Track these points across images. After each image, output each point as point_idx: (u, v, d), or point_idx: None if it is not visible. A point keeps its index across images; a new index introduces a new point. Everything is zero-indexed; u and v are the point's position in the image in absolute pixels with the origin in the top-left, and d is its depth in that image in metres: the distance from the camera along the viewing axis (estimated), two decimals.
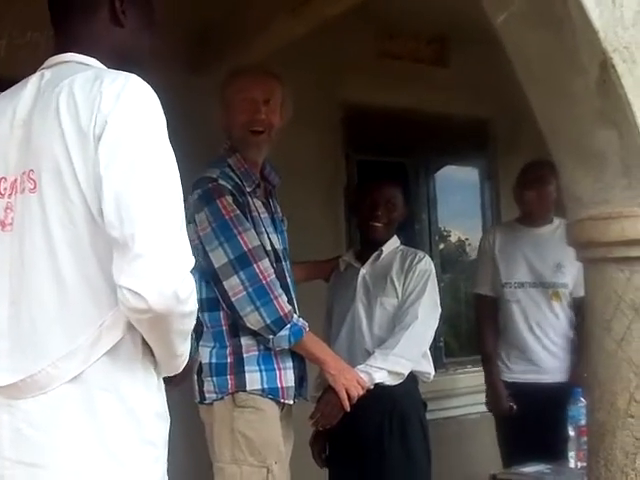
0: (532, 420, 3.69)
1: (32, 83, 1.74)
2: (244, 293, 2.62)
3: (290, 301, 2.77)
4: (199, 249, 2.66)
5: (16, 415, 1.60)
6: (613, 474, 2.20)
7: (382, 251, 3.36)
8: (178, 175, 1.60)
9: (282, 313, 2.64)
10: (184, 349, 1.68)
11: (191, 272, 1.54)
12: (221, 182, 2.70)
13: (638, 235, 2.17)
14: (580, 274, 3.73)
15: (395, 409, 3.20)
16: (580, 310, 3.83)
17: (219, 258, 2.63)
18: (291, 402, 2.77)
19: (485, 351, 4.15)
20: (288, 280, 2.83)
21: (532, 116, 2.37)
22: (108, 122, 1.55)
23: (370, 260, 3.38)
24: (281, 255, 2.83)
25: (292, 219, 3.14)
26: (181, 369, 1.72)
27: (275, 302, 2.64)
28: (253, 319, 2.62)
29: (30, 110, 1.69)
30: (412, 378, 3.23)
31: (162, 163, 1.57)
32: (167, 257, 1.49)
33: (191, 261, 1.55)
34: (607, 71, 2.08)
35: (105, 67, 1.73)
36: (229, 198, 2.68)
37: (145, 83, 1.63)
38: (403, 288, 3.27)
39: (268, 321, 2.62)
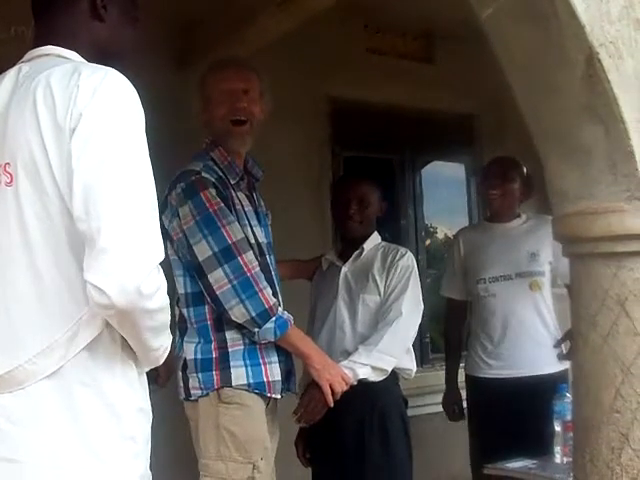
0: (509, 415, 3.68)
1: (10, 77, 1.73)
2: (229, 286, 2.60)
3: (275, 294, 2.75)
4: (183, 243, 2.65)
5: None
6: (599, 469, 2.20)
7: (363, 249, 3.36)
8: (150, 171, 1.59)
9: (267, 305, 2.63)
10: (159, 344, 1.66)
11: (181, 267, 1.52)
12: (204, 175, 2.69)
13: (624, 230, 2.17)
14: (561, 262, 3.78)
15: (375, 405, 3.19)
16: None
17: (203, 251, 2.62)
18: (278, 396, 2.76)
19: (447, 352, 4.23)
20: (272, 274, 2.82)
21: (518, 112, 2.37)
22: (82, 115, 1.54)
23: (352, 258, 3.37)
24: (265, 249, 2.82)
25: (278, 215, 3.13)
26: (161, 362, 1.71)
27: (260, 295, 2.62)
28: (238, 312, 2.61)
29: (7, 103, 1.67)
30: (392, 374, 3.22)
31: (133, 158, 1.56)
32: (131, 252, 1.48)
33: (159, 256, 1.54)
34: (593, 66, 2.08)
35: (85, 61, 1.71)
36: (212, 191, 2.66)
37: (124, 78, 1.62)
38: (385, 285, 3.27)
39: (253, 314, 2.61)
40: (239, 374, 2.66)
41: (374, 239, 3.41)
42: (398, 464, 3.21)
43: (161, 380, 1.75)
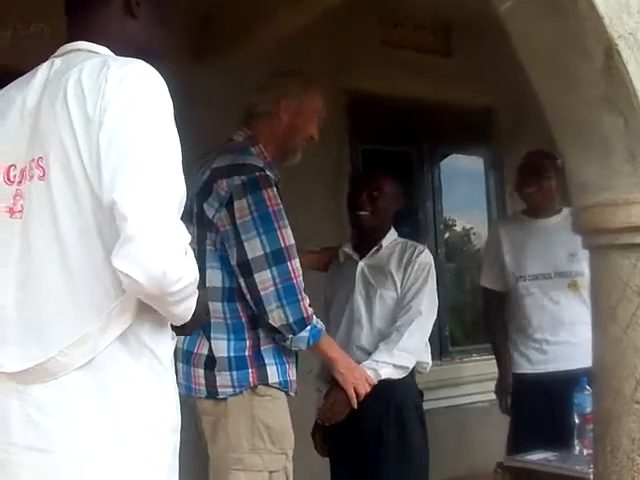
0: (550, 410, 3.64)
1: (41, 72, 1.75)
2: (273, 289, 2.58)
3: None
4: (230, 236, 2.62)
5: (26, 401, 1.60)
6: (619, 460, 2.21)
7: (382, 245, 3.35)
8: (178, 157, 1.60)
9: (305, 315, 2.62)
10: (189, 307, 1.66)
11: (217, 259, 1.50)
12: (268, 173, 2.67)
13: None
14: None
15: (392, 398, 3.19)
16: None
17: (254, 249, 2.58)
18: (293, 395, 2.77)
19: (494, 342, 4.15)
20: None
21: (536, 104, 2.37)
22: (109, 107, 1.56)
23: (370, 253, 3.37)
24: None
25: (296, 208, 3.13)
26: (189, 319, 1.70)
27: (301, 303, 2.61)
28: (277, 316, 2.59)
29: (39, 98, 1.69)
30: (411, 368, 3.23)
31: (159, 146, 1.57)
32: (157, 240, 1.49)
33: (185, 241, 1.55)
34: (612, 57, 2.08)
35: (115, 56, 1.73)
36: (275, 190, 2.64)
37: (151, 69, 1.63)
38: (403, 281, 3.26)
39: (291, 320, 2.60)
40: (273, 372, 2.65)
41: (391, 235, 3.40)
42: (415, 456, 3.22)
43: (188, 330, 1.77)
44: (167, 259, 1.50)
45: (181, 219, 1.58)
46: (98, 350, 1.58)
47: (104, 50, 1.74)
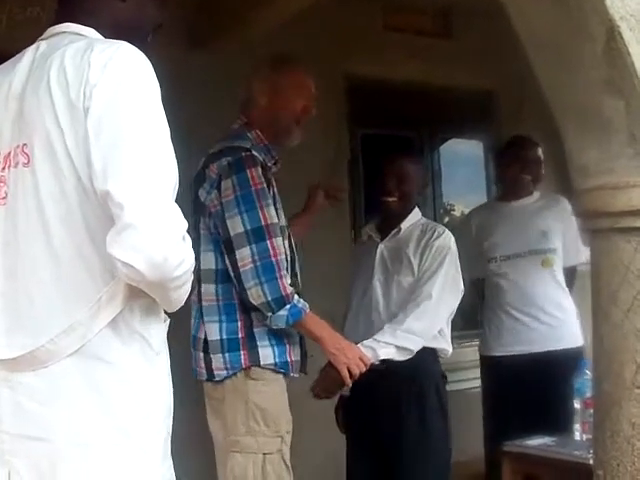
0: (523, 392, 3.70)
1: (27, 55, 1.72)
2: (251, 265, 2.62)
3: (294, 276, 2.77)
4: (219, 215, 2.66)
5: (16, 389, 1.60)
6: (619, 445, 2.20)
7: (401, 228, 3.34)
8: (168, 140, 1.58)
9: (284, 293, 2.64)
10: (184, 292, 1.65)
11: (211, 242, 1.49)
12: (254, 153, 2.70)
13: None
14: (569, 243, 3.81)
15: (412, 383, 3.19)
16: (570, 278, 3.97)
17: (236, 226, 2.63)
18: (297, 375, 2.78)
19: None
20: (295, 255, 2.85)
21: (537, 87, 2.35)
22: (94, 93, 1.53)
23: (390, 236, 3.37)
24: (287, 231, 2.83)
25: (296, 192, 3.13)
26: (183, 302, 1.69)
27: (279, 281, 2.63)
28: (255, 293, 2.62)
29: (24, 83, 1.67)
30: (431, 351, 3.22)
31: (150, 131, 1.54)
32: (156, 226, 1.47)
33: (183, 226, 1.53)
34: (614, 39, 2.06)
35: (102, 37, 1.70)
36: (259, 170, 2.67)
37: (137, 51, 1.60)
38: (419, 265, 3.25)
39: (269, 298, 2.62)
40: (266, 354, 2.67)
41: (413, 216, 3.37)
42: (435, 442, 3.21)
43: None
44: (168, 244, 1.49)
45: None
46: (88, 338, 1.57)
47: (91, 32, 1.70)
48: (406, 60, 4.78)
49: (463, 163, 5.72)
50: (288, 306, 2.65)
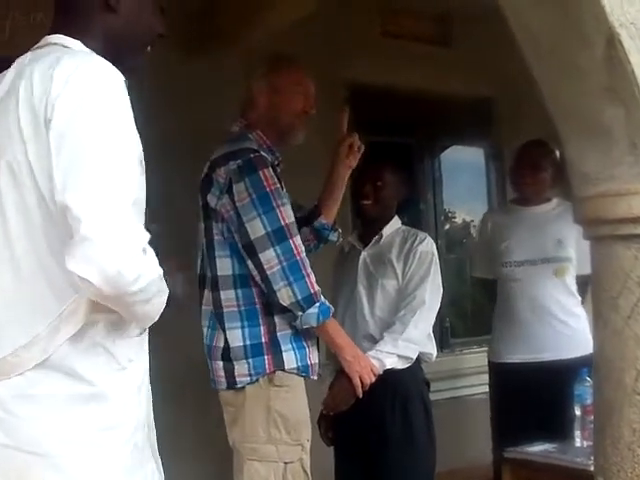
0: (532, 400, 3.68)
1: (13, 66, 1.72)
2: (279, 267, 2.60)
3: None
4: (234, 220, 2.64)
5: None
6: (620, 451, 2.20)
7: (382, 235, 3.37)
8: (131, 157, 1.58)
9: (313, 291, 2.63)
10: (157, 307, 1.64)
11: (227, 248, 1.44)
12: (263, 154, 2.70)
13: None
14: (582, 251, 3.79)
15: (397, 389, 3.22)
16: (583, 287, 3.87)
17: (256, 230, 2.61)
18: (315, 378, 2.78)
19: None
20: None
21: (537, 94, 2.35)
22: (56, 107, 1.54)
23: (371, 243, 3.39)
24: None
25: (297, 199, 3.13)
26: (156, 318, 1.68)
27: (307, 279, 2.63)
28: (285, 294, 2.60)
29: (3, 95, 1.67)
30: (415, 358, 3.24)
31: (110, 145, 1.54)
32: (110, 240, 1.47)
33: (141, 241, 1.53)
34: (614, 47, 2.06)
35: (89, 50, 1.69)
36: (271, 170, 2.67)
37: (103, 63, 1.60)
38: (404, 270, 3.29)
39: (299, 297, 2.61)
40: (290, 358, 2.66)
41: (394, 224, 3.41)
42: (420, 448, 3.24)
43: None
44: (122, 258, 1.48)
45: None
46: (49, 352, 1.57)
47: (76, 44, 1.70)
48: (405, 68, 4.78)
49: (464, 170, 5.73)
50: (318, 304, 2.65)
